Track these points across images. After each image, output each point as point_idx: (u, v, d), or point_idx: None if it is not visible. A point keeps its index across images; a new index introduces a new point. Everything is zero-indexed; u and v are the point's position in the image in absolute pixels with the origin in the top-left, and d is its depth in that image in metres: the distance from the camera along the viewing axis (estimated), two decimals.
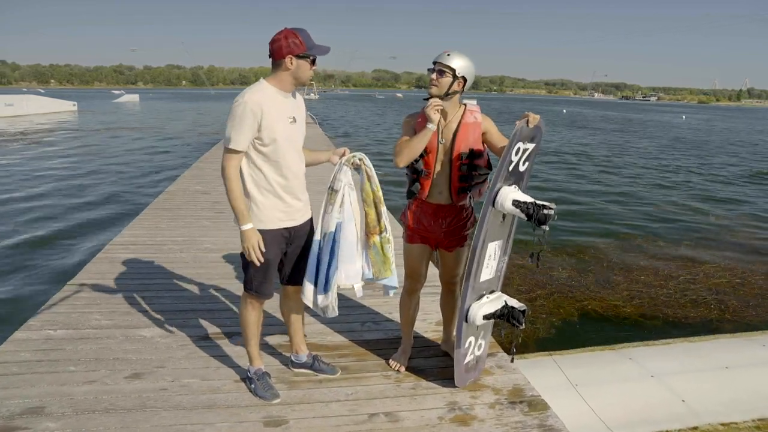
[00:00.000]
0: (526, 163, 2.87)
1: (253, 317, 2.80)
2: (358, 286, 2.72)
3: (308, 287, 2.74)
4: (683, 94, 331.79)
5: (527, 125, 2.68)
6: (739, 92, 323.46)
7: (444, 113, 2.87)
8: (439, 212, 2.97)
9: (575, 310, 5.86)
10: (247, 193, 2.57)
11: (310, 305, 2.78)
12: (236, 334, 3.49)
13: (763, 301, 6.11)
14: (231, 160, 2.48)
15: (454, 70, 2.75)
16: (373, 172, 2.72)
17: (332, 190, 2.69)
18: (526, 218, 2.70)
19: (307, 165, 2.84)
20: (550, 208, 2.66)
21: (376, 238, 2.74)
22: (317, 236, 2.71)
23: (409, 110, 10.22)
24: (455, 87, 2.79)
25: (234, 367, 3.11)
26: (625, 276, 6.85)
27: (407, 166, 2.87)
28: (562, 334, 5.26)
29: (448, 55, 2.77)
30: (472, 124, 2.88)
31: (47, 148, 19.13)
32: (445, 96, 2.81)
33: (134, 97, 73.82)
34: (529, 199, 2.71)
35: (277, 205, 2.61)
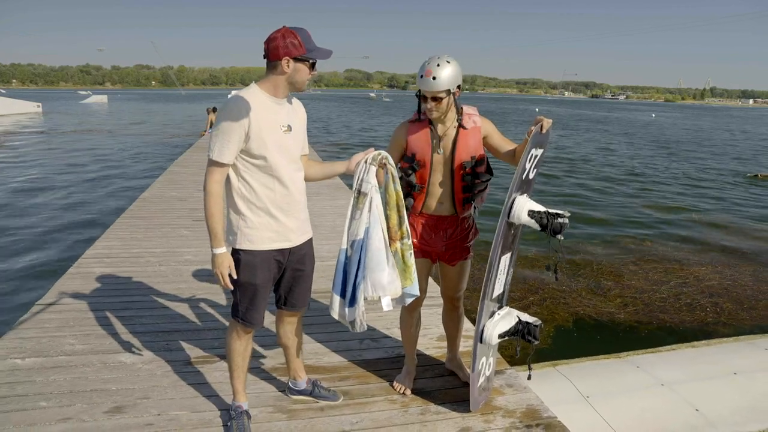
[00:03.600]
0: (535, 170, 2.71)
1: (238, 347, 2.51)
2: (386, 300, 2.41)
3: (336, 300, 2.49)
4: (650, 93, 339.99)
5: (541, 131, 2.50)
6: (702, 91, 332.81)
7: (441, 120, 2.64)
8: (440, 224, 2.77)
9: (569, 316, 5.73)
10: (235, 209, 2.33)
11: (337, 318, 2.52)
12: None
13: (756, 303, 6.09)
14: (214, 174, 2.23)
15: (448, 89, 2.51)
16: (396, 172, 2.49)
17: (360, 194, 2.42)
18: (540, 228, 2.52)
19: (320, 179, 2.59)
20: (564, 216, 2.50)
21: (398, 245, 2.49)
22: (344, 245, 2.45)
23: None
24: (452, 99, 2.57)
25: (227, 396, 2.84)
26: (616, 281, 6.76)
27: (399, 178, 2.62)
28: (560, 343, 5.12)
29: (434, 78, 2.46)
30: (471, 129, 2.68)
31: (9, 152, 18.33)
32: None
33: (102, 98, 71.91)
34: (541, 208, 2.54)
35: (269, 224, 2.34)
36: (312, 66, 2.29)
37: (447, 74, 2.47)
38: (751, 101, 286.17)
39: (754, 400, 3.66)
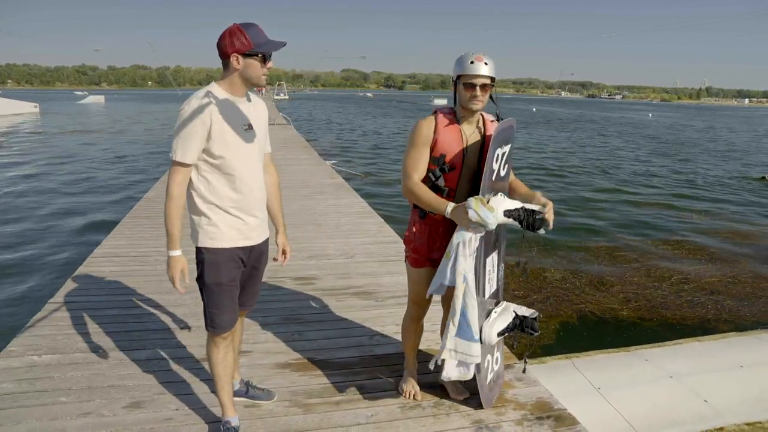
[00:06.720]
0: (506, 166, 2.69)
1: (216, 356, 2.43)
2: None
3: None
4: (647, 92, 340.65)
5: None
6: (699, 91, 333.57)
7: (470, 120, 2.58)
8: (452, 228, 2.66)
9: (573, 313, 5.79)
10: (196, 208, 2.29)
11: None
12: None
13: (756, 300, 6.17)
14: (177, 175, 2.20)
15: (493, 77, 2.43)
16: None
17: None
18: (519, 226, 2.48)
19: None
20: (541, 213, 2.45)
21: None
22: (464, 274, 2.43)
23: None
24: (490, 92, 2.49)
25: None
26: (618, 277, 6.83)
27: (422, 180, 2.58)
28: (565, 338, 5.19)
29: (486, 63, 2.36)
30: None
31: (8, 152, 18.32)
32: None
33: (99, 99, 71.91)
34: (517, 205, 2.48)
35: (231, 221, 2.31)
36: (264, 60, 2.25)
37: (492, 62, 2.43)
38: (746, 101, 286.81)
39: (760, 391, 3.76)
